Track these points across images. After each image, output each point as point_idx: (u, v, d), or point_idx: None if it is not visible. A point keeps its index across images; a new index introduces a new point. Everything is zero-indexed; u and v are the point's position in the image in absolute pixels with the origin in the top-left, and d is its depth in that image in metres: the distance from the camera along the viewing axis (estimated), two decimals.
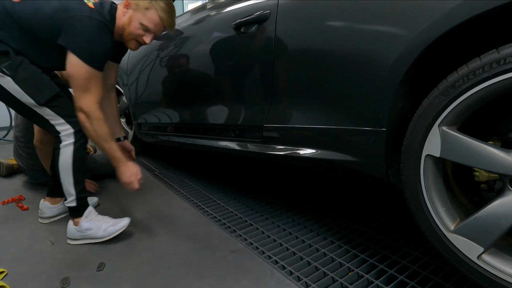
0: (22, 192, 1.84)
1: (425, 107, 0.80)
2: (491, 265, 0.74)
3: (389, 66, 0.86)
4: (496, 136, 0.81)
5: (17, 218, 1.55)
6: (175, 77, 1.87)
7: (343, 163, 1.06)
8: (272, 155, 1.30)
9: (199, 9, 1.77)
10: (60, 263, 1.17)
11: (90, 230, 1.30)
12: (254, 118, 1.36)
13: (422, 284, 1.01)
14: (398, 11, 0.85)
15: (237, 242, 1.29)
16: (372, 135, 0.94)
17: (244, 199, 1.73)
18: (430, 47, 0.78)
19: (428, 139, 0.80)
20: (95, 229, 1.30)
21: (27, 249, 1.27)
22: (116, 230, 1.31)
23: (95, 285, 1.06)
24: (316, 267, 1.12)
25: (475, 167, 0.77)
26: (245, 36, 1.34)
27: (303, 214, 1.54)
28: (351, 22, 0.97)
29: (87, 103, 1.22)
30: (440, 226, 0.81)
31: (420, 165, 0.83)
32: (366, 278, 1.05)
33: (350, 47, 0.97)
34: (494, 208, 0.72)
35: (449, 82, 0.75)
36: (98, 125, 1.24)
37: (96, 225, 1.31)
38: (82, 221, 1.31)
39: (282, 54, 1.20)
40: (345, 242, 1.28)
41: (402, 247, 1.22)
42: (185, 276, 1.09)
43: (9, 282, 1.07)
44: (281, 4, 1.20)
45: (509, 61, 0.65)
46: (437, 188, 0.83)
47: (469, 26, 0.72)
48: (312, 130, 1.13)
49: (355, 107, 0.99)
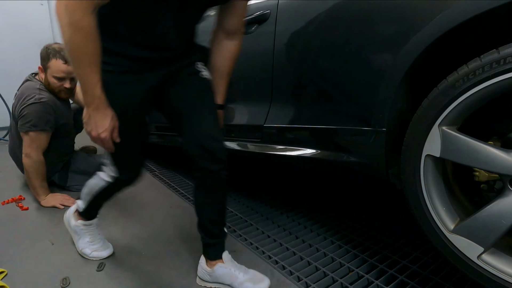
0: (22, 192, 1.84)
1: (425, 107, 0.80)
2: (491, 265, 0.74)
3: (389, 66, 0.86)
4: (496, 136, 0.80)
5: (17, 218, 1.54)
6: None
7: (343, 163, 1.06)
8: (272, 155, 1.30)
9: None
10: (60, 263, 1.17)
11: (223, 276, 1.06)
12: (254, 118, 1.36)
13: (422, 284, 1.01)
14: (398, 11, 0.85)
15: (237, 242, 1.29)
16: (372, 135, 0.94)
17: (244, 199, 1.73)
18: (430, 47, 0.78)
19: (428, 139, 0.80)
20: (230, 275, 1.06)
21: (27, 249, 1.27)
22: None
23: (95, 285, 1.06)
24: (316, 267, 1.12)
25: (475, 167, 0.77)
26: (245, 36, 1.33)
27: (303, 214, 1.54)
28: (351, 22, 0.97)
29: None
30: (440, 226, 0.81)
31: (420, 165, 0.83)
32: (366, 278, 1.05)
33: (350, 47, 0.97)
34: (494, 208, 0.72)
35: (449, 82, 0.75)
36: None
37: (231, 272, 1.06)
38: (217, 265, 1.07)
39: (282, 54, 1.20)
40: (345, 242, 1.28)
41: (402, 247, 1.22)
42: (185, 276, 1.09)
43: (9, 282, 1.07)
44: (281, 4, 1.20)
45: (509, 61, 0.65)
46: (437, 188, 0.83)
47: (469, 26, 0.72)
48: (312, 130, 1.13)
49: (355, 107, 0.99)
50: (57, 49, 1.65)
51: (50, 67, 1.66)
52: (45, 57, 1.67)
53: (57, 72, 1.66)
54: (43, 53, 1.68)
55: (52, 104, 1.68)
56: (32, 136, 1.61)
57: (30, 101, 1.62)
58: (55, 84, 1.68)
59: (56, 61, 1.64)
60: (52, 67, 1.65)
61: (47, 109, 1.64)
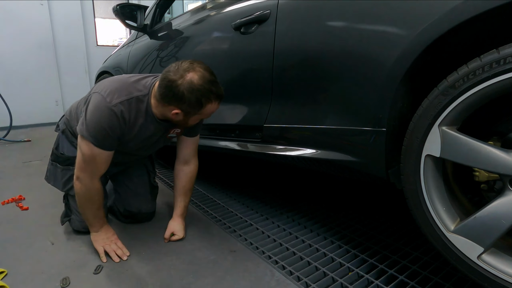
0: (22, 192, 1.83)
1: (425, 107, 0.80)
2: (491, 265, 0.74)
3: (389, 66, 0.86)
4: (496, 136, 0.80)
5: (17, 218, 1.54)
6: None
7: (343, 163, 1.06)
8: (272, 155, 1.30)
9: (199, 9, 1.77)
10: (60, 263, 1.17)
11: None
12: (254, 118, 1.36)
13: (422, 284, 1.01)
14: (398, 11, 0.85)
15: (237, 242, 1.29)
16: (372, 135, 0.94)
17: (244, 199, 1.73)
18: (430, 47, 0.78)
19: (428, 139, 0.80)
20: None
21: (27, 249, 1.27)
22: None
23: (95, 285, 1.06)
24: (316, 267, 1.12)
25: (475, 167, 0.77)
26: (245, 36, 1.33)
27: (303, 214, 1.54)
28: (351, 22, 0.97)
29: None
30: (440, 226, 0.81)
31: (420, 165, 0.83)
32: (366, 278, 1.05)
33: (350, 47, 0.97)
34: (494, 208, 0.72)
35: (449, 82, 0.75)
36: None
37: None
38: None
39: (282, 54, 1.20)
40: (345, 242, 1.28)
41: (402, 247, 1.22)
42: (184, 276, 1.09)
43: (9, 282, 1.07)
44: (281, 4, 1.20)
45: (509, 61, 0.65)
46: (437, 188, 0.83)
47: (469, 26, 0.72)
48: (312, 130, 1.13)
49: (355, 107, 0.99)
50: (208, 88, 1.08)
51: (202, 113, 1.14)
52: (193, 103, 1.09)
53: (209, 114, 1.18)
54: (187, 98, 1.07)
55: None
56: None
57: None
58: (195, 122, 1.22)
59: (212, 105, 1.13)
60: (205, 112, 1.14)
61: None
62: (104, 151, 1.15)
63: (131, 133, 1.20)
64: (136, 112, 1.16)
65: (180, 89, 1.06)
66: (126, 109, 1.13)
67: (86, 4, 4.65)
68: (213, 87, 1.09)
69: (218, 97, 1.12)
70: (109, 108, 1.10)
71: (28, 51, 4.15)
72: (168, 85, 1.07)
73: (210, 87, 1.08)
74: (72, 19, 4.49)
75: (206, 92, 1.08)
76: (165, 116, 1.18)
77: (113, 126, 1.12)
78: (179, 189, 1.40)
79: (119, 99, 1.12)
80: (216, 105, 1.14)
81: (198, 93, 1.07)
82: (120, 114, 1.12)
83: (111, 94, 1.13)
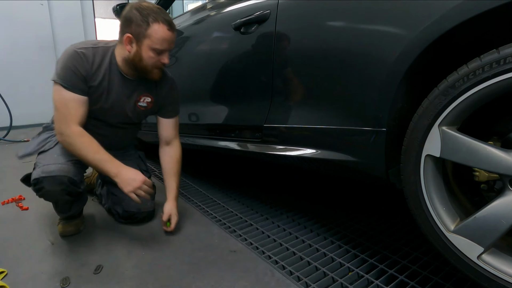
0: (22, 192, 1.83)
1: (425, 107, 0.80)
2: (491, 265, 0.74)
3: (389, 66, 0.86)
4: (496, 136, 0.80)
5: (17, 218, 1.55)
6: (175, 77, 1.86)
7: (343, 163, 1.06)
8: (272, 155, 1.30)
9: (199, 9, 1.77)
10: (60, 263, 1.17)
11: None
12: (254, 118, 1.36)
13: (422, 284, 1.01)
14: (398, 11, 0.85)
15: (237, 242, 1.29)
16: (372, 135, 0.94)
17: (244, 199, 1.73)
18: (430, 47, 0.78)
19: (428, 139, 0.80)
20: None
21: (27, 249, 1.27)
22: None
23: (95, 285, 1.06)
24: (316, 267, 1.12)
25: (475, 167, 0.77)
26: (245, 36, 1.33)
27: (303, 214, 1.54)
28: (351, 21, 0.97)
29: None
30: (440, 226, 0.81)
31: (420, 165, 0.83)
32: (366, 278, 1.05)
33: (350, 47, 0.97)
34: (494, 208, 0.72)
35: (449, 82, 0.75)
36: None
37: None
38: None
39: (282, 54, 1.20)
40: (345, 242, 1.28)
41: (402, 247, 1.22)
42: (185, 276, 1.09)
43: (9, 282, 1.07)
44: (281, 4, 1.20)
45: (509, 61, 0.65)
46: (437, 188, 0.83)
47: (469, 26, 0.72)
48: (312, 130, 1.13)
49: (355, 107, 0.99)
50: (155, 10, 1.18)
51: (151, 36, 1.18)
52: (139, 21, 1.17)
53: (160, 42, 1.19)
54: (133, 17, 1.18)
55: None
56: None
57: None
58: (151, 60, 1.23)
59: (160, 27, 1.17)
60: (154, 35, 1.18)
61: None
62: (74, 94, 1.21)
63: (96, 79, 1.25)
64: (100, 59, 1.26)
65: (130, 10, 1.19)
66: (90, 53, 1.24)
67: (86, 4, 4.65)
68: (161, 12, 1.19)
69: (166, 21, 1.19)
70: (74, 50, 1.22)
71: (28, 51, 4.15)
72: (122, 16, 1.22)
73: (158, 10, 1.19)
74: (72, 19, 4.50)
75: (153, 12, 1.18)
76: (125, 62, 1.27)
77: (77, 64, 1.20)
78: (168, 171, 1.47)
79: (85, 45, 1.26)
80: (165, 30, 1.19)
81: (145, 11, 1.17)
82: (83, 56, 1.22)
83: (79, 44, 1.26)
